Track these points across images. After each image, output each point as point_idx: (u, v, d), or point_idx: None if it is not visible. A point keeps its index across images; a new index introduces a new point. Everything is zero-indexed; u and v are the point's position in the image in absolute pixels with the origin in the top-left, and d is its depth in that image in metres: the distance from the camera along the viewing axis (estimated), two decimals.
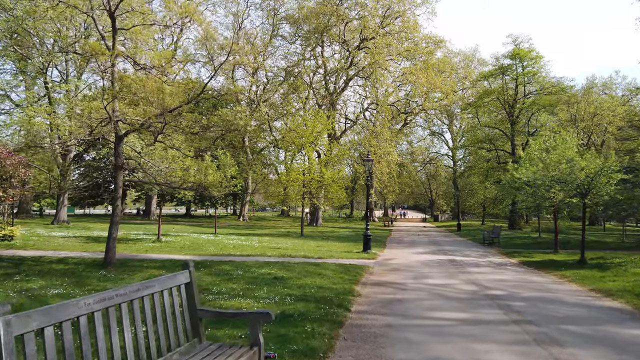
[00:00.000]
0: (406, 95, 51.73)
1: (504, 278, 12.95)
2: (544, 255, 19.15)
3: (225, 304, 8.31)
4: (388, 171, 43.25)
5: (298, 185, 29.39)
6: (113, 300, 3.04)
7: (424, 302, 9.33)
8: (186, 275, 4.01)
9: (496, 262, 17.15)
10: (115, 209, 12.79)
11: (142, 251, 17.03)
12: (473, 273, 13.93)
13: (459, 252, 21.19)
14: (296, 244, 22.31)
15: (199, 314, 4.01)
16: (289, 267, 13.44)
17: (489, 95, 45.88)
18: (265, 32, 50.73)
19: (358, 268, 14.01)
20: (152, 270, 12.17)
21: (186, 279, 4.01)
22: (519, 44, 44.81)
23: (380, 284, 11.56)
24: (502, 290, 10.78)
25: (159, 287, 3.56)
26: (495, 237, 26.03)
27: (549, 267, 15.32)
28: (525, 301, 9.53)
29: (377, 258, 17.70)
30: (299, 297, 9.14)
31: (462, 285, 11.51)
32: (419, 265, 15.85)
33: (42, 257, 14.01)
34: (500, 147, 46.86)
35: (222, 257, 15.76)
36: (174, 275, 3.89)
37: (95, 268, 12.21)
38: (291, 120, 33.90)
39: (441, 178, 76.82)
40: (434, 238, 31.82)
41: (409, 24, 44.25)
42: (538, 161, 18.24)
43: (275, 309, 8.00)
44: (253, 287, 10.04)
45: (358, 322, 7.52)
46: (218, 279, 11.05)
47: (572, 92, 47.10)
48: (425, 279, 12.63)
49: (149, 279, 11.26)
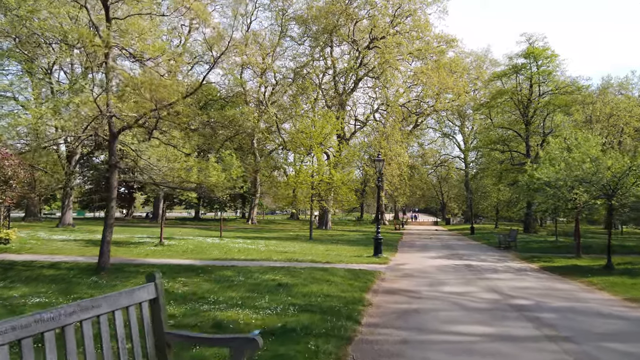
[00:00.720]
0: (417, 96, 50.70)
1: (527, 285, 11.95)
2: (566, 260, 18.08)
3: (221, 315, 7.45)
4: (399, 173, 42.25)
5: (306, 187, 28.56)
6: (31, 328, 2.20)
7: (442, 313, 8.39)
8: (150, 289, 3.14)
9: (515, 268, 16.12)
10: (109, 210, 12.00)
11: (142, 255, 16.26)
12: (492, 279, 12.94)
13: (474, 256, 20.16)
14: (304, 247, 21.44)
15: (167, 339, 3.12)
16: (295, 272, 12.57)
17: (503, 95, 44.68)
18: (274, 33, 50.09)
19: (368, 274, 13.09)
20: None
21: (150, 295, 3.13)
22: (533, 42, 43.63)
23: (392, 292, 10.64)
24: (527, 300, 9.80)
25: (107, 307, 2.69)
26: (512, 240, 24.95)
27: (574, 273, 14.29)
28: (556, 312, 8.56)
29: (389, 263, 16.77)
30: (304, 307, 8.26)
31: (482, 294, 10.54)
32: (434, 270, 14.89)
33: (33, 262, 13.26)
34: (514, 148, 45.60)
35: (225, 262, 14.93)
36: (132, 290, 3.01)
37: (87, 274, 11.43)
38: (299, 122, 33.11)
39: (453, 180, 75.49)
40: (446, 242, 30.77)
41: (419, 22, 43.29)
42: (560, 160, 17.18)
43: (275, 321, 7.12)
44: (254, 296, 9.17)
45: (369, 338, 6.62)
46: (217, 286, 10.20)
47: (588, 92, 45.85)
48: (441, 286, 11.68)
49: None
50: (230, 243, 22.08)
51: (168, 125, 12.16)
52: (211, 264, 14.35)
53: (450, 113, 60.03)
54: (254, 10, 51.05)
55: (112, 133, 11.62)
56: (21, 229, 28.41)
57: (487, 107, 47.99)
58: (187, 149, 12.45)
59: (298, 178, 28.58)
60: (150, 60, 11.16)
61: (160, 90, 10.25)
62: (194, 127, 11.23)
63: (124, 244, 19.84)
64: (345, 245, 24.21)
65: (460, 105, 51.35)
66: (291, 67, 49.95)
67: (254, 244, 21.91)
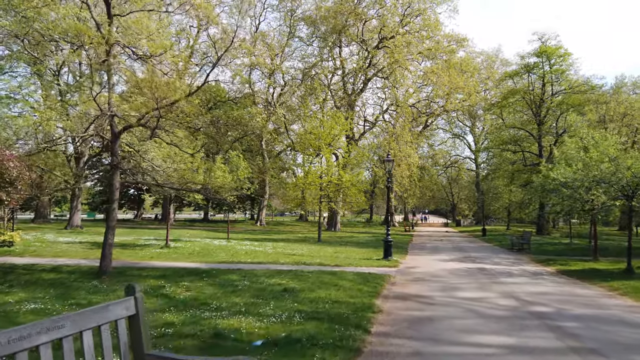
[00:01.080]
0: (427, 96, 50.11)
1: (544, 290, 11.42)
2: (583, 263, 17.47)
3: (222, 323, 7.05)
4: (409, 174, 41.68)
5: (315, 188, 28.16)
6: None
7: (457, 322, 7.92)
8: (129, 304, 2.72)
9: (531, 271, 15.57)
10: (111, 212, 11.66)
11: (147, 258, 15.93)
12: (508, 284, 12.42)
13: (487, 259, 19.61)
14: (312, 250, 21.02)
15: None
16: (302, 276, 12.16)
17: (514, 94, 43.98)
18: (282, 34, 49.75)
19: (378, 278, 12.64)
20: (150, 280, 11.00)
21: (129, 311, 2.72)
22: (546, 41, 42.93)
23: (404, 297, 10.18)
24: (546, 306, 9.29)
25: (72, 328, 2.29)
26: (525, 243, 24.34)
27: (593, 278, 13.71)
28: (578, 321, 8.05)
29: (399, 266, 16.29)
30: (310, 314, 7.84)
31: (499, 300, 10.04)
32: (446, 274, 14.38)
33: (35, 265, 12.98)
34: (526, 148, 44.81)
35: (231, 265, 14.56)
36: (106, 306, 2.60)
37: (88, 277, 11.10)
38: (308, 122, 32.70)
39: (463, 182, 74.63)
40: (458, 244, 30.17)
41: (429, 22, 42.68)
42: (577, 160, 16.58)
43: (280, 330, 6.71)
44: (258, 302, 8.77)
45: (380, 349, 6.17)
46: (221, 291, 9.82)
47: (601, 92, 44.98)
48: (454, 291, 11.19)
49: (145, 289, 10.13)
50: (237, 245, 21.72)
51: (172, 125, 11.81)
52: (216, 267, 13.99)
53: (460, 113, 59.27)
54: (262, 11, 50.84)
55: (114, 133, 11.29)
56: (29, 230, 28.35)
57: (498, 107, 47.30)
58: (191, 149, 12.08)
59: (307, 179, 28.20)
60: (154, 58, 10.82)
61: (161, 88, 9.90)
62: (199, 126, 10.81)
63: (130, 247, 19.57)
64: (354, 247, 23.75)
65: (471, 105, 50.51)
66: (300, 67, 49.65)
67: (261, 246, 21.53)
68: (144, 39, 10.46)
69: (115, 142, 11.35)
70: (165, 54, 10.40)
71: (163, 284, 10.43)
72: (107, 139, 11.61)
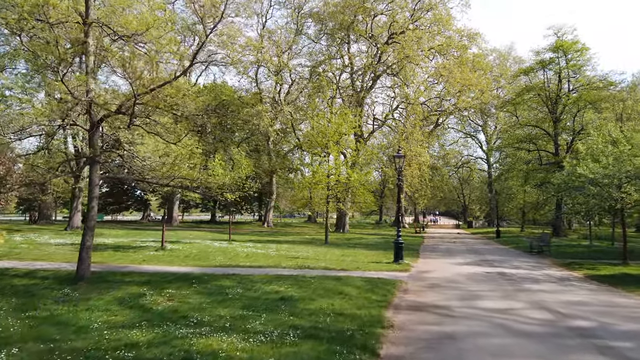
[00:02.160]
0: (438, 94, 48.62)
1: (579, 300, 10.01)
2: (612, 267, 15.99)
3: (198, 343, 5.77)
4: (419, 174, 40.28)
5: (323, 187, 26.89)
6: None
7: (483, 341, 6.57)
8: None
9: (556, 276, 14.14)
10: (90, 211, 10.45)
11: (138, 261, 14.73)
12: (535, 291, 11.03)
13: (506, 262, 18.18)
14: (318, 252, 19.72)
15: None
16: (304, 282, 10.87)
17: (529, 91, 42.29)
18: (290, 31, 48.57)
19: (388, 284, 11.31)
20: (132, 288, 9.75)
21: None
22: (562, 35, 41.22)
23: (418, 308, 8.85)
24: (587, 320, 7.91)
25: None
26: (545, 245, 22.85)
27: (628, 284, 12.28)
28: (630, 339, 6.68)
29: (411, 270, 14.95)
30: (308, 330, 6.56)
31: (529, 311, 8.66)
32: (463, 279, 13.00)
33: (9, 270, 11.81)
34: (542, 147, 43.12)
35: (227, 269, 13.32)
36: None
37: (63, 284, 9.89)
38: (315, 120, 31.49)
39: (475, 182, 72.90)
40: (472, 246, 28.68)
41: (441, 16, 41.27)
42: (607, 155, 15.11)
43: (267, 354, 5.43)
44: (248, 314, 7.50)
45: None
46: (208, 300, 8.57)
47: (618, 89, 43.31)
48: (475, 300, 9.81)
49: (122, 298, 8.91)
50: (238, 247, 20.49)
51: (159, 113, 10.60)
52: (211, 271, 12.75)
53: (472, 112, 57.65)
54: (269, 8, 49.83)
55: (92, 122, 10.09)
56: (27, 232, 27.34)
57: (512, 104, 45.67)
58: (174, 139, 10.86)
59: (314, 178, 26.95)
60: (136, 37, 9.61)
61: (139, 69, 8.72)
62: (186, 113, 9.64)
63: (124, 249, 18.41)
64: (362, 249, 22.40)
65: (483, 103, 48.94)
66: (307, 65, 48.46)
67: (264, 249, 20.28)
68: (124, 15, 9.28)
69: (94, 131, 10.15)
70: (147, 32, 9.19)
71: (144, 292, 9.20)
72: (85, 128, 10.41)
